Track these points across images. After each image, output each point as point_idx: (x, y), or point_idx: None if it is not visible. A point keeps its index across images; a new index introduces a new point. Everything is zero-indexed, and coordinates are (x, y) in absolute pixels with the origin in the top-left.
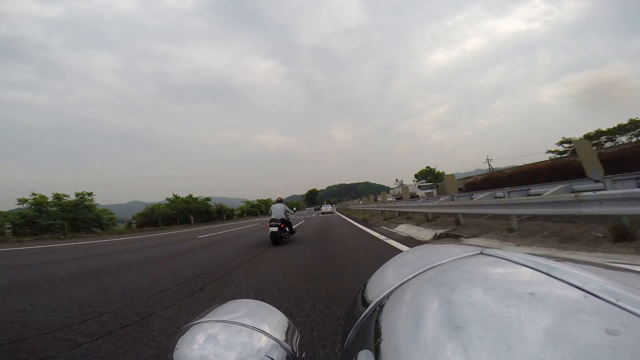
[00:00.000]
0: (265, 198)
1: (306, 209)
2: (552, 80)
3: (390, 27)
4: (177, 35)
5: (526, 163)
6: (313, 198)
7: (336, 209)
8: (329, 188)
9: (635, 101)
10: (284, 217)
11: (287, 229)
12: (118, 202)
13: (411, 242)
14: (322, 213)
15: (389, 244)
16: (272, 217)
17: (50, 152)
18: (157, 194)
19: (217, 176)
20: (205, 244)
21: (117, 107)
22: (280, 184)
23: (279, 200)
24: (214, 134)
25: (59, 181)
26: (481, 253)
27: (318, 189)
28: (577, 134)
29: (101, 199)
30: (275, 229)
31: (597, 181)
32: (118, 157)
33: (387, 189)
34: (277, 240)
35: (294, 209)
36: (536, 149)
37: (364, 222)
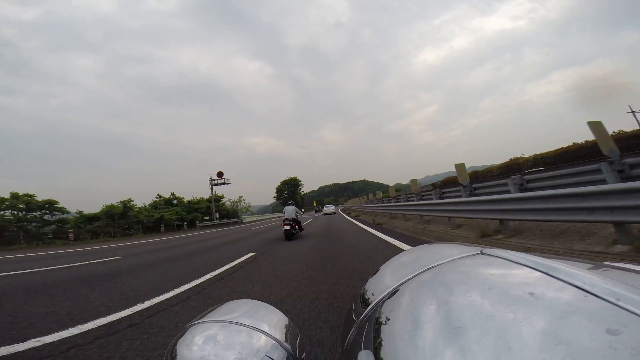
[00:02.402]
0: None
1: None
2: (538, 78)
3: (378, 25)
4: (161, 37)
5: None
6: (291, 195)
7: (341, 210)
8: (322, 188)
9: (619, 97)
10: (295, 217)
11: (297, 227)
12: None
13: None
14: (325, 214)
15: None
16: (285, 217)
17: (30, 159)
18: (142, 199)
19: (206, 180)
20: None
21: (100, 111)
22: (272, 187)
23: (290, 203)
24: (202, 137)
25: (39, 188)
26: (481, 253)
27: (309, 190)
28: (567, 132)
29: (83, 206)
30: (288, 227)
31: None
32: (102, 163)
33: (386, 187)
34: (289, 236)
35: (302, 210)
36: (526, 147)
37: None
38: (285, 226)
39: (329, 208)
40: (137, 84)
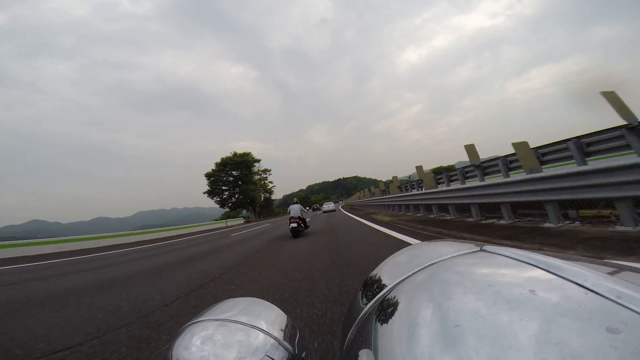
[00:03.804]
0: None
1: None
2: (518, 75)
3: (361, 24)
4: (137, 41)
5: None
6: (240, 184)
7: (342, 207)
8: (310, 187)
9: (596, 93)
10: (300, 215)
11: (302, 224)
12: (81, 220)
13: None
14: (325, 212)
15: None
16: (291, 215)
17: (4, 171)
18: (125, 209)
19: (192, 186)
20: None
21: (79, 120)
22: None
23: (296, 202)
24: (186, 143)
25: (13, 202)
26: (481, 250)
27: (296, 189)
28: (547, 127)
29: (63, 217)
30: (294, 224)
31: None
32: (81, 173)
33: (377, 184)
34: (296, 234)
35: (307, 208)
36: (508, 142)
37: None
38: (291, 224)
39: (328, 205)
40: (115, 90)
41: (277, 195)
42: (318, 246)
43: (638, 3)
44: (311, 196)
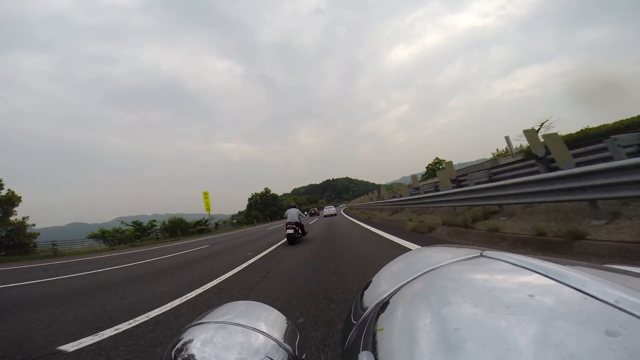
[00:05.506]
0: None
1: None
2: (504, 75)
3: (352, 22)
4: (120, 35)
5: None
6: None
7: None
8: (296, 190)
9: (580, 95)
10: (298, 221)
11: (300, 231)
12: (56, 225)
13: None
14: (325, 216)
15: None
16: (288, 220)
17: None
18: (103, 214)
19: (177, 192)
20: None
21: (55, 117)
22: (246, 193)
23: (293, 206)
24: (169, 144)
25: None
26: (481, 255)
27: (281, 193)
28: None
29: (37, 222)
30: (291, 230)
31: None
32: (56, 175)
33: (372, 186)
34: (293, 240)
35: (305, 213)
36: (495, 145)
37: None
38: (288, 230)
39: (329, 209)
40: (96, 86)
41: (242, 199)
42: None
43: (626, 7)
44: (292, 198)
